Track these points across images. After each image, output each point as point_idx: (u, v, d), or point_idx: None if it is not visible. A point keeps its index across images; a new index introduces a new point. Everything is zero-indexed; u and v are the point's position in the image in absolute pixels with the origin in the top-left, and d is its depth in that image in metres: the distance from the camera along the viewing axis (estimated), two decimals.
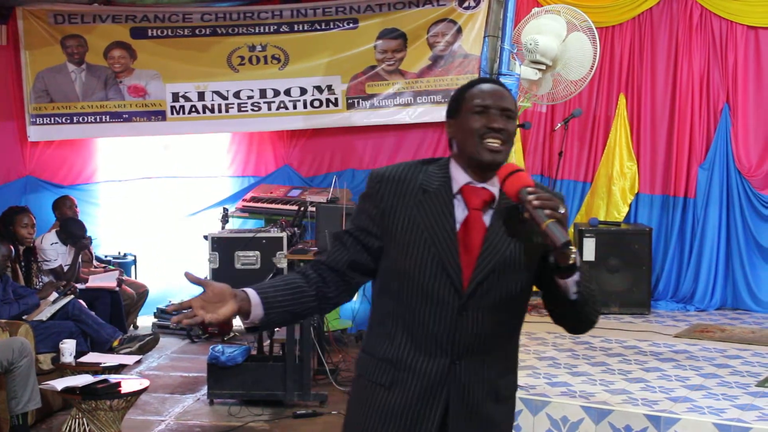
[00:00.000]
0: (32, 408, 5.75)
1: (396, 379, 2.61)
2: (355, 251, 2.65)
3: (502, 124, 2.57)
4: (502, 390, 2.67)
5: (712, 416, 5.16)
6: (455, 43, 8.98)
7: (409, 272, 2.56)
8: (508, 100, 2.63)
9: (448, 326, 2.56)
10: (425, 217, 2.56)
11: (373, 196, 2.65)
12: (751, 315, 8.41)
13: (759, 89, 8.64)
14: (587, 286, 2.54)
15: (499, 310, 2.59)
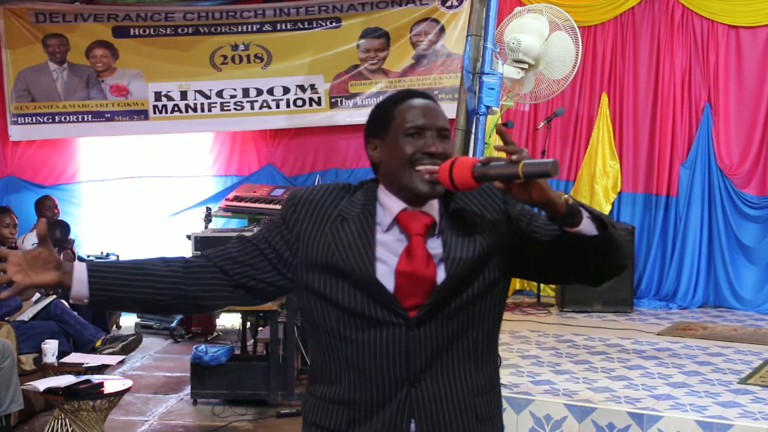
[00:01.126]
0: (15, 410, 5.72)
1: (352, 419, 2.28)
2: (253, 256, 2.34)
3: (441, 148, 2.24)
4: (481, 409, 2.33)
5: (695, 413, 5.18)
6: (438, 42, 9.00)
7: (338, 303, 2.24)
8: (443, 118, 2.31)
9: (397, 348, 2.23)
10: (344, 246, 2.24)
11: (287, 219, 2.34)
12: (733, 313, 8.45)
13: (740, 88, 8.68)
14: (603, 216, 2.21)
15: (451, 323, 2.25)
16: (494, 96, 5.33)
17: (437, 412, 2.25)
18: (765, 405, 5.33)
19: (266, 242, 2.34)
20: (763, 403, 5.36)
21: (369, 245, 2.23)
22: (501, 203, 2.33)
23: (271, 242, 2.34)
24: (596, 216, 2.18)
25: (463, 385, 2.28)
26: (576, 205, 2.14)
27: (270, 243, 2.34)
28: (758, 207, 8.57)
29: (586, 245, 2.19)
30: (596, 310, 8.18)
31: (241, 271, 2.32)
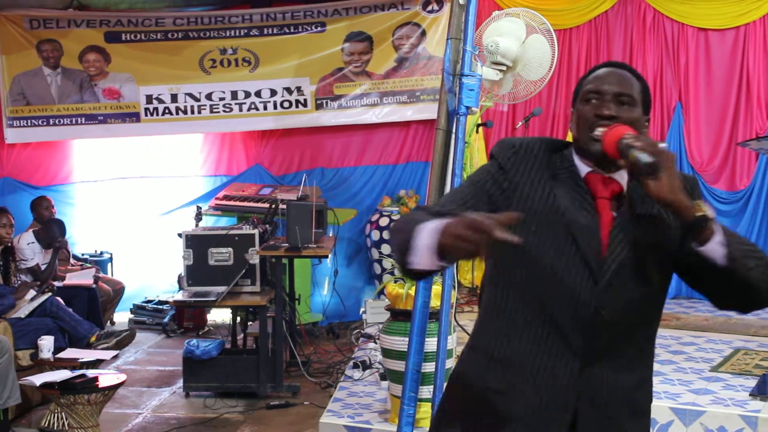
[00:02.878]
0: (12, 404, 5.68)
1: (513, 383, 2.19)
2: (476, 202, 2.21)
3: (614, 111, 2.18)
4: (639, 402, 2.26)
5: (669, 401, 5.19)
6: (419, 46, 8.99)
7: (541, 262, 2.16)
8: (626, 84, 2.22)
9: (581, 324, 2.14)
10: (563, 203, 2.16)
11: (506, 166, 2.24)
12: (705, 303, 8.45)
13: (709, 88, 8.70)
14: (737, 241, 2.07)
15: (635, 309, 2.18)
16: (474, 97, 5.30)
17: (601, 403, 2.18)
18: (735, 392, 5.35)
19: (480, 189, 2.24)
20: (734, 390, 5.39)
21: (590, 204, 2.17)
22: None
23: (484, 188, 2.24)
24: (731, 247, 2.06)
25: (628, 379, 2.22)
26: (705, 221, 2.03)
27: (483, 188, 2.24)
28: (728, 202, 8.59)
29: (712, 270, 2.09)
30: None
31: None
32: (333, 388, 6.38)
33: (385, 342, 5.28)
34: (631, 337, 2.21)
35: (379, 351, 6.15)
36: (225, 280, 6.70)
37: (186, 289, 6.85)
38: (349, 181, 9.31)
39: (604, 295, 2.14)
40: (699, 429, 5.00)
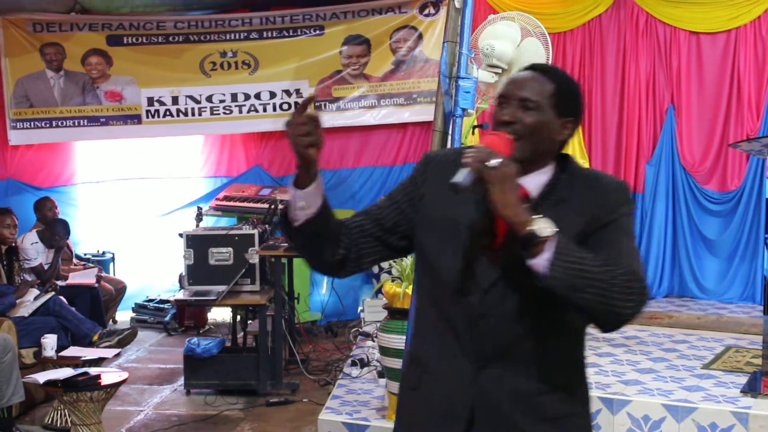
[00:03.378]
0: (16, 401, 5.68)
1: (422, 381, 2.26)
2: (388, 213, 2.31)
3: (512, 116, 2.15)
4: (546, 409, 2.18)
5: (661, 397, 5.20)
6: (416, 49, 9.00)
7: (438, 267, 2.20)
8: (532, 88, 2.17)
9: (472, 328, 2.16)
10: (463, 210, 2.17)
11: (417, 179, 2.31)
12: (697, 302, 8.48)
13: (701, 90, 8.71)
14: (576, 263, 2.00)
15: (521, 317, 2.14)
16: (470, 99, 5.32)
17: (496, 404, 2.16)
18: (727, 389, 5.36)
19: (392, 200, 2.33)
20: (725, 387, 5.40)
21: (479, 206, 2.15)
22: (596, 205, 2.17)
23: (395, 200, 2.32)
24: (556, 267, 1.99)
25: (528, 383, 2.17)
26: (534, 238, 1.99)
27: (395, 201, 2.32)
28: (719, 202, 8.61)
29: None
30: None
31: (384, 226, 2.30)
32: (331, 385, 6.39)
33: (382, 340, 5.29)
34: (525, 345, 2.16)
35: (376, 349, 6.16)
36: (225, 280, 6.71)
37: (187, 288, 6.85)
38: (347, 182, 9.32)
39: (489, 301, 2.15)
40: (691, 425, 5.01)
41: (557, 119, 2.19)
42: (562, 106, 2.19)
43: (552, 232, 1.99)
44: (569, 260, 1.99)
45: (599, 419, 5.22)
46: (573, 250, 2.01)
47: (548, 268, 1.99)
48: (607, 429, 5.19)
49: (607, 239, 2.13)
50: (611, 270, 2.03)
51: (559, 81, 2.21)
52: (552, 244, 1.99)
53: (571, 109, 2.22)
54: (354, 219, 2.32)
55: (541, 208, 2.13)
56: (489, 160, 2.01)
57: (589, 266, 2.00)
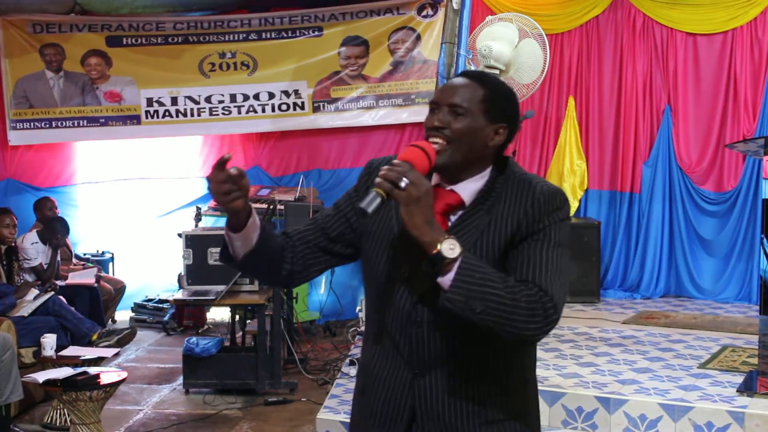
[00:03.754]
0: (15, 400, 5.67)
1: (367, 385, 2.31)
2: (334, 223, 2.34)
3: (442, 121, 2.15)
4: (487, 411, 2.20)
5: (658, 397, 5.21)
6: (415, 50, 8.99)
7: (377, 275, 2.24)
8: (461, 93, 2.17)
9: (408, 336, 2.19)
10: (394, 217, 2.20)
11: (360, 187, 2.34)
12: (693, 302, 8.49)
13: (697, 91, 8.72)
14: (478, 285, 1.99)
15: (457, 325, 2.13)
16: None
17: (436, 410, 2.19)
18: (723, 388, 5.37)
19: (339, 209, 2.35)
20: (721, 386, 5.40)
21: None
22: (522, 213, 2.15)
23: (342, 210, 2.34)
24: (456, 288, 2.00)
25: (468, 390, 2.19)
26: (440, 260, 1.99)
27: (342, 212, 2.34)
28: (715, 203, 8.62)
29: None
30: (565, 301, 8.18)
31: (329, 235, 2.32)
32: (330, 384, 6.39)
33: None
34: (462, 354, 2.18)
35: None
36: (224, 279, 6.70)
37: (186, 288, 6.85)
38: (345, 182, 9.31)
39: (422, 310, 2.17)
40: (687, 424, 5.01)
41: (489, 125, 2.18)
42: (494, 112, 2.18)
43: (457, 253, 2.00)
44: (471, 281, 1.99)
45: (596, 418, 5.22)
46: (478, 270, 2.01)
47: (448, 288, 2.01)
48: (603, 428, 5.20)
49: (530, 251, 2.11)
50: (516, 291, 2.03)
51: (490, 87, 2.20)
52: (456, 264, 2.00)
53: (504, 114, 2.21)
54: (299, 231, 2.34)
55: (473, 216, 2.16)
56: (399, 180, 2.00)
57: (492, 288, 2.00)
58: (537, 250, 2.11)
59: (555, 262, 2.12)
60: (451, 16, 5.25)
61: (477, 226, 2.15)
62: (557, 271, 2.11)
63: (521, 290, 2.03)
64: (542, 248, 2.11)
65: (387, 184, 2.00)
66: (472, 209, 2.17)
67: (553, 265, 2.11)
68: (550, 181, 9.20)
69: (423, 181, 2.02)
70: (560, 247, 2.14)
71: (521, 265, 2.10)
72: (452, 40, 5.29)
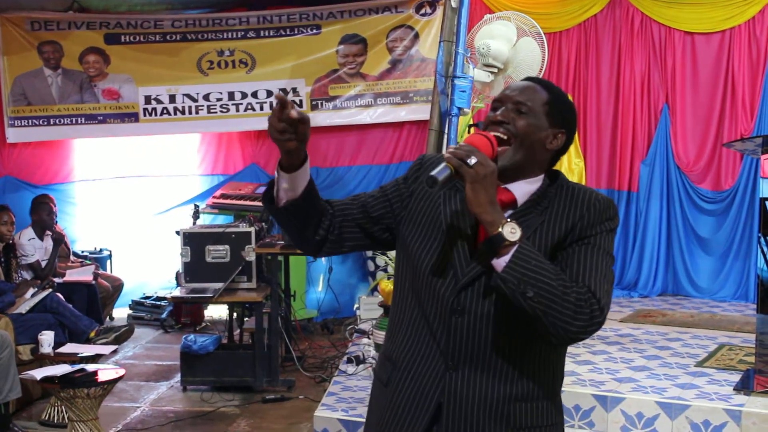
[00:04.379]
0: (12, 398, 5.68)
1: (392, 378, 2.26)
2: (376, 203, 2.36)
3: (504, 116, 2.19)
4: (516, 416, 2.17)
5: (655, 395, 5.21)
6: (413, 48, 9.00)
7: (419, 263, 2.21)
8: (527, 93, 2.22)
9: (446, 326, 2.16)
10: (448, 210, 2.21)
11: (410, 177, 2.36)
12: (690, 300, 8.49)
13: (695, 90, 8.72)
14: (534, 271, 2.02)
15: (496, 319, 2.14)
16: (466, 98, 5.33)
17: (464, 408, 2.16)
18: (720, 386, 5.37)
19: (384, 192, 2.36)
20: (718, 385, 5.41)
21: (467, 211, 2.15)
22: (578, 217, 2.19)
23: (386, 193, 2.36)
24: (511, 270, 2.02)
25: (499, 389, 2.17)
26: (501, 240, 2.02)
27: (386, 194, 2.35)
28: (713, 201, 8.62)
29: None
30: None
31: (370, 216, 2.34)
32: (327, 382, 6.39)
33: (378, 337, 5.30)
34: (500, 348, 2.16)
35: (372, 346, 6.17)
36: (222, 277, 6.70)
37: (184, 286, 6.85)
38: (343, 180, 9.32)
39: (465, 299, 2.16)
40: (684, 422, 5.02)
41: (549, 128, 2.22)
42: (555, 116, 2.22)
43: (518, 236, 2.03)
44: (526, 266, 2.02)
45: (593, 416, 5.23)
46: (534, 258, 2.04)
47: (503, 269, 2.03)
48: (601, 426, 5.20)
49: (580, 254, 2.14)
50: (567, 285, 2.05)
51: (554, 92, 2.26)
52: (515, 248, 2.03)
53: (564, 120, 2.25)
54: (342, 202, 2.37)
55: (525, 216, 2.17)
56: (468, 157, 2.04)
57: (545, 277, 2.02)
58: (588, 254, 2.14)
59: (603, 268, 2.14)
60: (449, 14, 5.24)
61: (529, 225, 2.15)
62: (605, 277, 2.13)
63: (572, 286, 2.06)
64: (593, 253, 2.14)
65: (456, 159, 2.04)
66: (523, 210, 2.19)
67: (601, 270, 2.13)
68: None
69: (489, 162, 2.06)
70: (608, 255, 2.17)
71: (572, 266, 2.12)
72: (450, 38, 5.28)
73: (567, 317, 2.03)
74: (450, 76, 5.25)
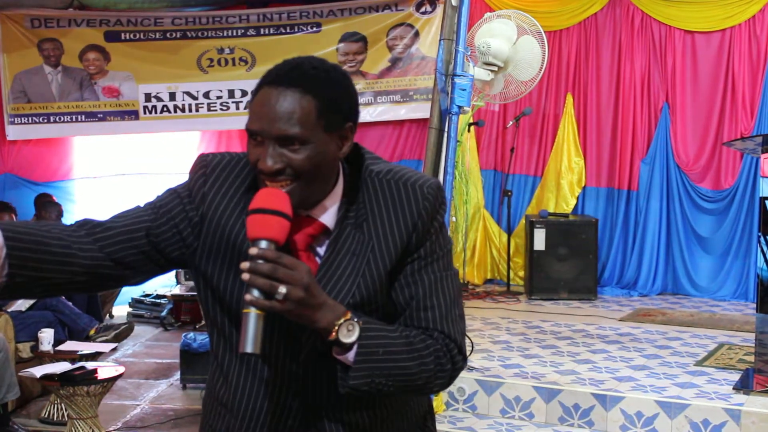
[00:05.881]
0: (11, 399, 5.67)
1: (232, 428, 1.92)
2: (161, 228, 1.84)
3: (273, 162, 1.70)
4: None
5: (654, 394, 5.21)
6: (413, 46, 9.00)
7: (233, 304, 1.81)
8: (288, 116, 1.69)
9: (291, 371, 1.84)
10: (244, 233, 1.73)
11: (194, 194, 1.84)
12: (690, 299, 8.50)
13: (695, 89, 8.72)
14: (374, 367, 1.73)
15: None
16: (466, 96, 5.32)
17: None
18: (719, 385, 5.37)
19: (165, 216, 1.84)
20: (718, 384, 5.41)
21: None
22: (410, 226, 1.80)
23: (172, 217, 1.84)
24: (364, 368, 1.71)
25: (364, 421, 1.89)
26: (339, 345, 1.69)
27: (170, 218, 1.84)
28: (713, 200, 8.62)
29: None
30: (562, 298, 8.20)
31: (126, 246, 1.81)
32: None
33: None
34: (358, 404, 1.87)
35: None
36: None
37: (183, 284, 6.85)
38: None
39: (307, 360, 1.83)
40: (684, 422, 5.02)
41: (334, 137, 1.76)
42: (336, 119, 1.75)
43: (356, 336, 1.70)
44: (373, 359, 1.72)
45: (592, 415, 5.23)
46: (380, 345, 1.72)
47: (351, 373, 1.72)
48: (600, 425, 5.20)
49: (423, 279, 1.81)
50: (423, 355, 1.77)
51: (321, 91, 1.74)
52: (355, 348, 1.71)
53: (348, 113, 1.79)
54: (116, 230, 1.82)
55: (343, 239, 1.79)
56: (274, 290, 1.62)
57: (397, 361, 1.74)
58: (433, 277, 1.82)
59: (452, 292, 1.84)
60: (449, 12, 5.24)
61: (353, 251, 1.79)
62: (454, 304, 1.83)
63: (426, 348, 1.78)
64: (437, 275, 1.82)
65: (263, 302, 1.62)
66: (339, 232, 1.79)
67: (449, 298, 1.83)
68: (548, 179, 9.15)
69: (299, 274, 1.64)
70: (450, 268, 1.85)
71: (417, 295, 1.80)
72: (450, 36, 5.28)
73: (427, 384, 1.80)
74: (450, 75, 5.25)
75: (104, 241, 1.79)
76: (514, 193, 8.96)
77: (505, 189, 8.87)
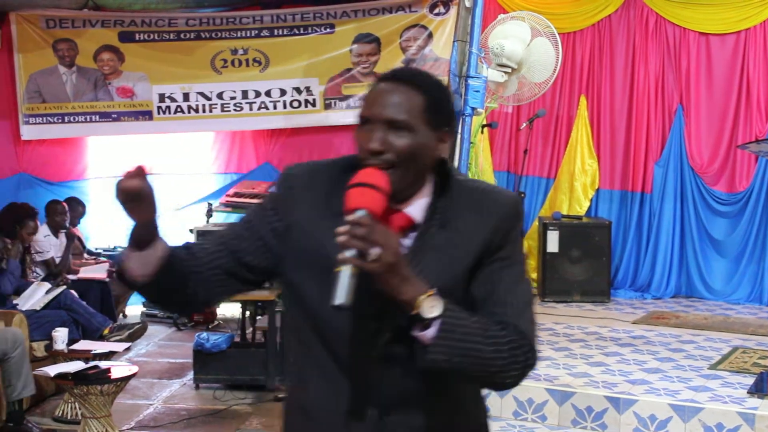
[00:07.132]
0: (26, 395, 5.70)
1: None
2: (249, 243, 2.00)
3: (383, 143, 1.86)
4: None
5: (668, 397, 5.20)
6: (426, 48, 8.98)
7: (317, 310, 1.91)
8: (398, 106, 1.87)
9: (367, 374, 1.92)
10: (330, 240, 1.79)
11: (278, 206, 1.99)
12: (704, 302, 8.47)
13: (710, 91, 8.70)
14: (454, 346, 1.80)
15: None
16: (479, 98, 5.33)
17: None
18: (734, 389, 5.36)
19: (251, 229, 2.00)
20: (732, 388, 5.39)
21: None
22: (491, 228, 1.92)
23: (257, 230, 2.00)
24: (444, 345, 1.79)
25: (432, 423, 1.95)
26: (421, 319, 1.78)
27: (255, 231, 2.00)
28: (727, 203, 8.60)
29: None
30: (575, 300, 8.19)
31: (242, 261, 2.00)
32: None
33: None
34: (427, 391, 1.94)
35: None
36: None
37: None
38: None
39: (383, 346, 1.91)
40: (697, 425, 5.00)
41: (433, 135, 1.91)
42: (437, 119, 1.91)
43: (438, 312, 1.78)
44: (453, 338, 1.80)
45: (605, 418, 5.22)
46: (460, 326, 1.81)
47: (430, 348, 1.80)
48: (613, 428, 5.19)
49: (502, 280, 1.92)
50: (499, 344, 1.84)
51: (430, 88, 1.92)
52: (437, 324, 1.79)
53: (447, 118, 1.96)
54: (207, 252, 2.00)
55: (429, 235, 1.91)
56: (367, 249, 1.72)
57: (474, 344, 1.82)
58: (511, 279, 1.93)
59: (526, 296, 1.95)
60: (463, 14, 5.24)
61: (437, 246, 1.90)
62: (529, 306, 1.94)
63: (502, 338, 1.85)
64: (515, 278, 1.94)
65: (356, 259, 1.73)
66: (426, 227, 1.92)
67: (525, 300, 1.94)
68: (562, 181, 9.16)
69: (392, 241, 1.77)
70: (526, 274, 1.98)
71: (498, 292, 1.91)
72: (464, 38, 5.29)
73: (501, 373, 1.87)
74: (464, 76, 5.25)
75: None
76: (527, 195, 8.95)
77: (518, 191, 8.86)
